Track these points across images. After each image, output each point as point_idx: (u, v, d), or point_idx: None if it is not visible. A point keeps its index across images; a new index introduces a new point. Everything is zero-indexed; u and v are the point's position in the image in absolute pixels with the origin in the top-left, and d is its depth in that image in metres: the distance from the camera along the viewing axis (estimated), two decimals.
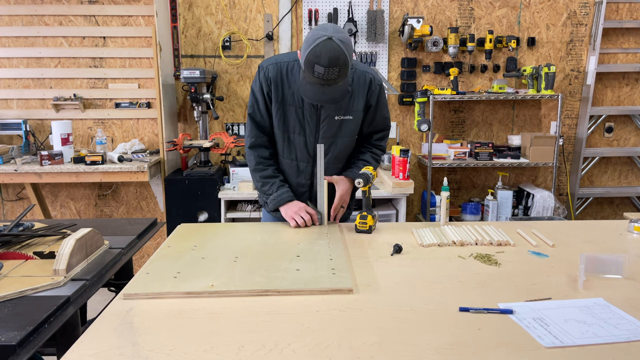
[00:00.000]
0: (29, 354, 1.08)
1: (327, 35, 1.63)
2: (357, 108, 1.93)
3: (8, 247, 1.64)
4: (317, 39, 1.63)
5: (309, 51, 1.64)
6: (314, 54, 1.63)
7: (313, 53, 1.63)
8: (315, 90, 1.71)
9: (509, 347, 1.05)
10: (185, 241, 1.75)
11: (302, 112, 1.89)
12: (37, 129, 3.76)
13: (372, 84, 1.92)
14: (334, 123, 1.91)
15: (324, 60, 1.62)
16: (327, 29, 1.66)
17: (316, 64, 1.63)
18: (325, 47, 1.61)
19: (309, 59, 1.64)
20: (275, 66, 1.88)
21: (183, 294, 1.31)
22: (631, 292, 1.34)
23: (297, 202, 1.96)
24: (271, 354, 1.02)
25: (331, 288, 1.33)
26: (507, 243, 1.73)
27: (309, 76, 1.68)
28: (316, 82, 1.68)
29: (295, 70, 1.87)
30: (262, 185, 1.99)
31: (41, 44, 3.69)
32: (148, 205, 3.95)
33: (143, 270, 1.46)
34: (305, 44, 1.67)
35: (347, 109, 1.91)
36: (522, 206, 3.75)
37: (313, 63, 1.63)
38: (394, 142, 3.87)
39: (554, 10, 3.77)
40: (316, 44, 1.62)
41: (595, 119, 3.91)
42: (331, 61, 1.62)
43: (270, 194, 1.97)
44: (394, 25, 3.74)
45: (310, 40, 1.65)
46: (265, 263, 1.52)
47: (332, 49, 1.62)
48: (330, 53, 1.62)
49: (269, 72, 1.87)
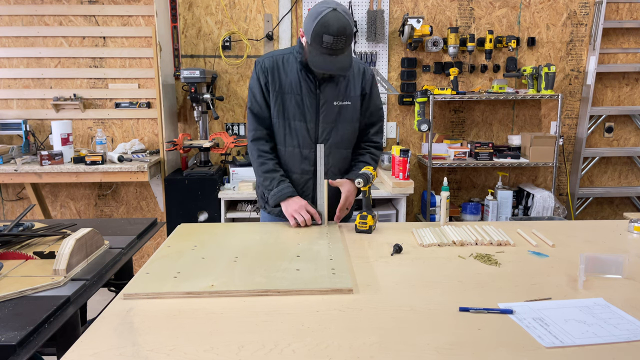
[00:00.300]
0: (29, 354, 1.08)
1: (331, 7, 1.73)
2: (354, 94, 2.00)
3: (8, 247, 1.64)
4: (322, 11, 1.72)
5: (316, 23, 1.72)
6: (322, 24, 1.71)
7: (321, 24, 1.71)
8: (325, 60, 1.78)
9: (509, 347, 1.05)
10: (185, 241, 1.75)
11: (301, 99, 1.95)
12: (37, 129, 3.76)
13: (365, 73, 2.03)
14: (333, 108, 1.97)
15: (333, 30, 1.71)
16: (329, 2, 1.76)
17: (325, 33, 1.71)
18: (333, 17, 1.71)
19: (317, 30, 1.72)
20: (271, 58, 1.97)
21: (183, 294, 1.31)
22: (631, 292, 1.34)
23: (298, 198, 1.97)
24: (271, 354, 1.02)
25: (331, 288, 1.33)
26: (507, 243, 1.73)
27: (317, 47, 1.76)
28: (325, 52, 1.76)
29: (290, 60, 1.95)
30: (264, 180, 2.00)
31: (41, 44, 3.69)
32: (148, 205, 3.95)
33: (143, 270, 1.46)
34: (310, 18, 1.75)
35: (345, 95, 1.98)
36: (522, 206, 3.75)
37: (322, 33, 1.72)
38: (394, 142, 3.87)
39: (554, 10, 3.77)
40: (323, 16, 1.71)
41: (595, 119, 3.91)
42: (339, 30, 1.71)
43: (271, 189, 1.98)
44: (394, 25, 3.74)
45: (315, 14, 1.74)
46: (265, 263, 1.52)
47: (338, 19, 1.72)
48: (337, 23, 1.71)
49: (265, 63, 1.96)
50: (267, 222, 2.08)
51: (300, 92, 1.94)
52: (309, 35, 1.75)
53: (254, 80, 1.99)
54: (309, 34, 1.75)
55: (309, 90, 1.94)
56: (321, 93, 1.95)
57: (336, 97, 1.97)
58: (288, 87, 1.94)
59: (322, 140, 1.98)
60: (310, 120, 1.97)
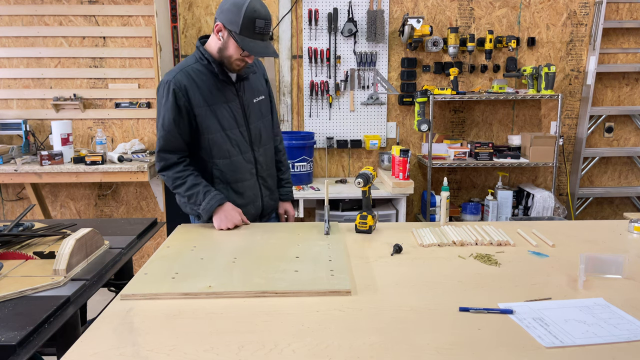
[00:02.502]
0: (29, 354, 1.08)
1: None
2: (263, 86, 2.08)
3: (8, 247, 1.64)
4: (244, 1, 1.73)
5: (245, 10, 1.72)
6: (252, 10, 1.73)
7: (251, 10, 1.73)
8: (260, 45, 1.80)
9: (509, 347, 1.05)
10: (184, 242, 1.75)
11: (228, 106, 1.92)
12: (37, 129, 3.76)
13: (257, 60, 2.11)
14: (255, 106, 2.01)
15: (263, 14, 1.75)
16: None
17: (257, 18, 1.74)
18: (257, 3, 1.76)
19: (248, 16, 1.73)
20: (181, 74, 1.86)
21: (180, 294, 1.31)
22: (631, 292, 1.34)
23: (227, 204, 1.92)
24: (271, 354, 1.02)
25: (329, 290, 1.33)
26: (507, 243, 1.73)
27: (250, 34, 1.76)
28: (258, 37, 1.78)
29: (201, 70, 1.89)
30: (188, 199, 1.93)
31: (41, 44, 3.68)
32: (148, 205, 3.95)
33: (142, 270, 1.47)
34: (234, 9, 1.74)
35: (257, 90, 2.04)
36: (522, 206, 3.75)
37: (254, 18, 1.74)
38: (394, 142, 3.87)
39: (554, 10, 3.77)
40: (248, 3, 1.73)
41: (595, 119, 3.91)
42: (267, 14, 1.78)
43: (200, 204, 1.90)
44: (394, 25, 3.74)
45: (238, 4, 1.73)
46: (264, 264, 1.52)
47: (262, 5, 1.77)
48: (263, 8, 1.77)
49: (180, 82, 1.84)
50: (267, 223, 2.09)
51: (226, 100, 1.91)
52: (238, 25, 1.73)
53: (168, 104, 1.83)
54: (238, 23, 1.73)
55: (233, 95, 1.93)
56: (243, 94, 1.96)
57: (253, 94, 2.00)
58: (211, 98, 1.88)
59: (256, 141, 2.01)
60: (241, 125, 1.96)
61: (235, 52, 1.81)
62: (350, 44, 3.72)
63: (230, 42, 1.80)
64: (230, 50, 1.81)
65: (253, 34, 1.76)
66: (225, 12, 1.77)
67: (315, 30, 3.70)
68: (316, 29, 3.70)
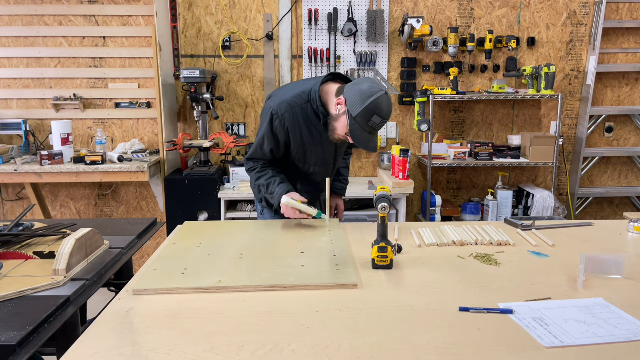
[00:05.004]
0: (29, 354, 1.08)
1: (384, 91, 1.74)
2: None
3: (8, 247, 1.64)
4: (375, 92, 1.72)
5: (370, 102, 1.71)
6: (375, 105, 1.72)
7: (375, 105, 1.72)
8: (367, 139, 1.80)
9: (509, 347, 1.05)
10: (189, 239, 1.77)
11: (322, 149, 2.01)
12: (37, 129, 3.75)
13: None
14: (343, 146, 2.15)
15: (384, 113, 1.74)
16: (377, 84, 1.78)
17: (376, 114, 1.73)
18: (385, 101, 1.74)
19: (369, 110, 1.72)
20: (290, 113, 1.91)
21: (192, 289, 1.33)
22: (631, 292, 1.34)
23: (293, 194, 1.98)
24: (271, 354, 1.02)
25: (336, 283, 1.35)
26: (507, 243, 1.73)
27: (363, 125, 1.75)
28: (368, 130, 1.77)
29: (309, 113, 1.92)
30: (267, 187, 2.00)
31: (41, 44, 3.68)
32: (148, 205, 3.95)
33: (151, 266, 1.47)
34: (360, 95, 1.74)
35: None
36: (522, 206, 3.75)
37: (373, 113, 1.73)
38: (394, 142, 3.87)
39: (554, 10, 3.77)
40: (377, 98, 1.72)
41: (595, 119, 3.91)
42: (388, 114, 1.76)
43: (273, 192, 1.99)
44: (394, 25, 3.74)
45: (367, 94, 1.73)
46: (270, 259, 1.55)
47: (389, 104, 1.76)
48: (388, 108, 1.75)
49: (286, 120, 1.91)
50: (269, 220, 2.12)
51: (321, 143, 1.98)
52: (357, 111, 1.73)
53: (269, 132, 1.93)
54: (358, 109, 1.73)
55: (328, 139, 1.96)
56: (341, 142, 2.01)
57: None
58: (310, 139, 1.96)
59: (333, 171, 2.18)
60: (329, 163, 2.10)
61: (341, 130, 1.85)
62: (350, 44, 3.72)
63: (342, 119, 1.82)
64: (339, 124, 1.84)
65: (365, 125, 1.75)
66: (353, 93, 1.76)
67: (315, 30, 3.70)
68: (316, 29, 3.70)
